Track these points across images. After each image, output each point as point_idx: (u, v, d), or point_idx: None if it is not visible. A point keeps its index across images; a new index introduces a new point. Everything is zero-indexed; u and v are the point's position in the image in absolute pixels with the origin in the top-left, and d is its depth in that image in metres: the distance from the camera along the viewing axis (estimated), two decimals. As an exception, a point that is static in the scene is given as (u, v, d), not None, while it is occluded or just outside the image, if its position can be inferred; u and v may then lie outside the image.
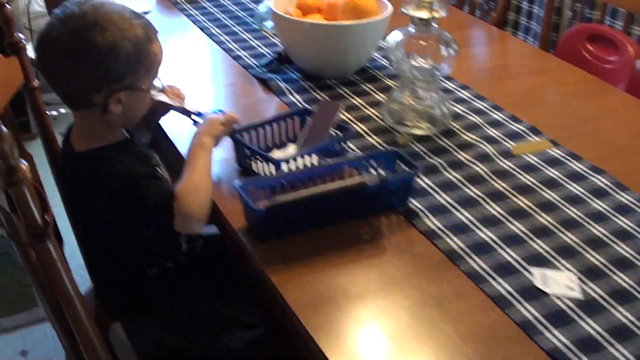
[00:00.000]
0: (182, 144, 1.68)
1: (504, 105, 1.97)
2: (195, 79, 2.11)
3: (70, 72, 1.45)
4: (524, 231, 1.47)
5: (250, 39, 2.34)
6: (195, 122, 1.68)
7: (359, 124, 1.86)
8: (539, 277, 1.34)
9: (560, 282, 1.33)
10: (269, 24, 2.40)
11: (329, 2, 2.10)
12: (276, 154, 1.68)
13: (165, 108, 1.68)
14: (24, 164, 1.13)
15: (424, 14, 1.72)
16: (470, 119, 1.90)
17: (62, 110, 3.56)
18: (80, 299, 1.24)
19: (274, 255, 1.39)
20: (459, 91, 2.05)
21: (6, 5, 1.64)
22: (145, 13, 2.36)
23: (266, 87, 2.03)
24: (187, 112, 1.69)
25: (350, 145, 1.72)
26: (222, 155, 1.65)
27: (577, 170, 1.68)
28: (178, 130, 1.76)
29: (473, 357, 1.17)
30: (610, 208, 1.55)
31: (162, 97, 1.63)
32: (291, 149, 1.71)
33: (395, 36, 1.80)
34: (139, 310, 1.63)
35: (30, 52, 1.71)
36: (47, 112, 1.76)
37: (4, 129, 1.09)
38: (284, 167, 1.53)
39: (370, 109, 1.93)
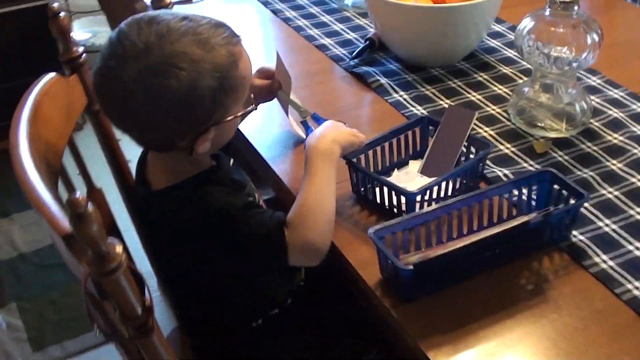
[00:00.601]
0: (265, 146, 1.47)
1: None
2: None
3: (143, 123, 1.18)
4: None
5: (332, 22, 2.04)
6: (306, 126, 1.41)
7: (482, 125, 1.57)
8: None
9: None
10: (349, 1, 2.10)
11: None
12: (397, 176, 1.40)
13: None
14: (117, 245, 0.88)
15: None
16: (608, 112, 1.60)
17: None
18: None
19: (417, 315, 1.14)
20: (585, 76, 1.74)
21: (60, 13, 1.34)
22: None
23: (362, 84, 1.73)
24: (299, 111, 1.42)
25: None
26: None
27: None
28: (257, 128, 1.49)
29: None
30: None
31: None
32: (412, 166, 1.43)
33: (527, 22, 1.50)
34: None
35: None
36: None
37: (90, 206, 0.83)
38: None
39: (491, 106, 1.64)
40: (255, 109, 1.30)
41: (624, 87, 1.69)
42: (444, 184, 1.30)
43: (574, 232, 1.27)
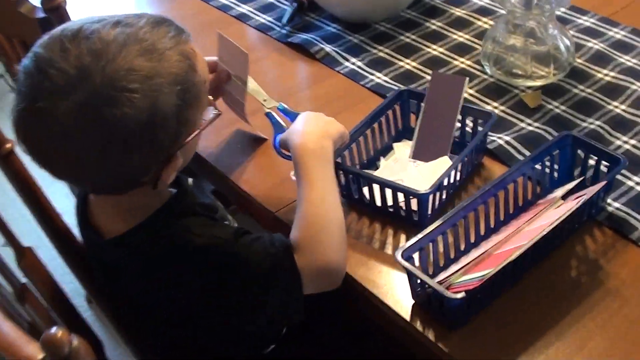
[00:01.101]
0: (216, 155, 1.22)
1: (615, 16, 1.50)
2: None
3: (94, 166, 0.91)
4: None
5: (243, -16, 1.75)
6: (272, 119, 1.17)
7: (456, 85, 1.35)
8: None
9: None
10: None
11: None
12: (387, 167, 1.18)
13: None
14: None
15: None
16: (587, 45, 1.42)
17: None
18: None
19: (469, 341, 0.94)
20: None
21: None
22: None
23: (304, 54, 1.48)
24: (261, 101, 1.19)
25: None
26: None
27: None
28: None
29: None
30: None
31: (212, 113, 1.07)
32: (399, 151, 1.21)
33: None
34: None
35: None
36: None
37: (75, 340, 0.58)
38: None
39: (458, 58, 1.43)
40: (220, 113, 1.04)
41: (592, 12, 1.51)
42: (452, 172, 1.09)
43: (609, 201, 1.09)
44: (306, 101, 1.35)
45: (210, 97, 1.02)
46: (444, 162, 1.14)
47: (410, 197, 1.06)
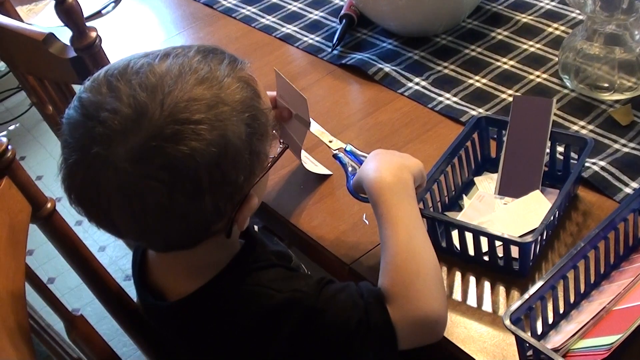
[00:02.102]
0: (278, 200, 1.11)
1: None
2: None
3: (163, 219, 0.80)
4: None
5: (284, 2, 1.63)
6: (341, 161, 1.05)
7: (533, 102, 1.22)
8: None
9: None
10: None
11: None
12: (473, 207, 1.05)
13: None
14: None
15: None
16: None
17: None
18: None
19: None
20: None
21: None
22: (116, 1, 1.64)
23: (361, 76, 1.36)
24: (327, 143, 1.08)
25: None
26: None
27: None
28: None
29: None
30: None
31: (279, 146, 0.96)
32: (482, 186, 1.08)
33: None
34: None
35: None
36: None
37: None
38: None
39: (533, 72, 1.30)
40: (287, 147, 0.94)
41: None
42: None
43: None
44: (368, 131, 1.23)
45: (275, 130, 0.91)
46: (536, 198, 1.01)
47: (511, 245, 0.93)
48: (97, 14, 1.69)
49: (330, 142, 1.07)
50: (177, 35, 1.57)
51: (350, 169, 1.03)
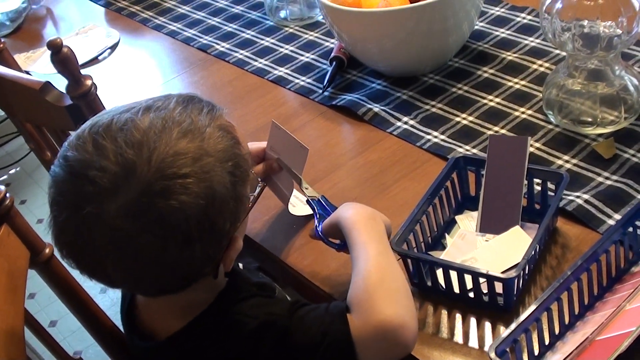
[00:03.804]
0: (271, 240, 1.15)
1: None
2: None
3: (154, 268, 0.84)
4: None
5: (276, 45, 1.68)
6: (312, 205, 1.08)
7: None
8: None
9: None
10: (284, 13, 1.74)
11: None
12: (455, 246, 1.08)
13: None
14: None
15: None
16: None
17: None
18: None
19: None
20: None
21: None
22: (113, 47, 1.68)
23: (351, 117, 1.39)
24: (304, 191, 1.09)
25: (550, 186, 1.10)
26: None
27: None
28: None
29: None
30: None
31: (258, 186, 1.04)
32: (463, 224, 1.11)
33: None
34: None
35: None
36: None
37: None
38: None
39: (518, 108, 1.33)
40: (265, 185, 1.03)
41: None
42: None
43: None
44: (358, 170, 1.26)
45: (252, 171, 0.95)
46: (516, 233, 1.04)
47: (495, 282, 0.95)
48: (94, 60, 1.74)
49: (306, 189, 1.10)
50: (173, 80, 1.60)
51: (318, 217, 1.06)
